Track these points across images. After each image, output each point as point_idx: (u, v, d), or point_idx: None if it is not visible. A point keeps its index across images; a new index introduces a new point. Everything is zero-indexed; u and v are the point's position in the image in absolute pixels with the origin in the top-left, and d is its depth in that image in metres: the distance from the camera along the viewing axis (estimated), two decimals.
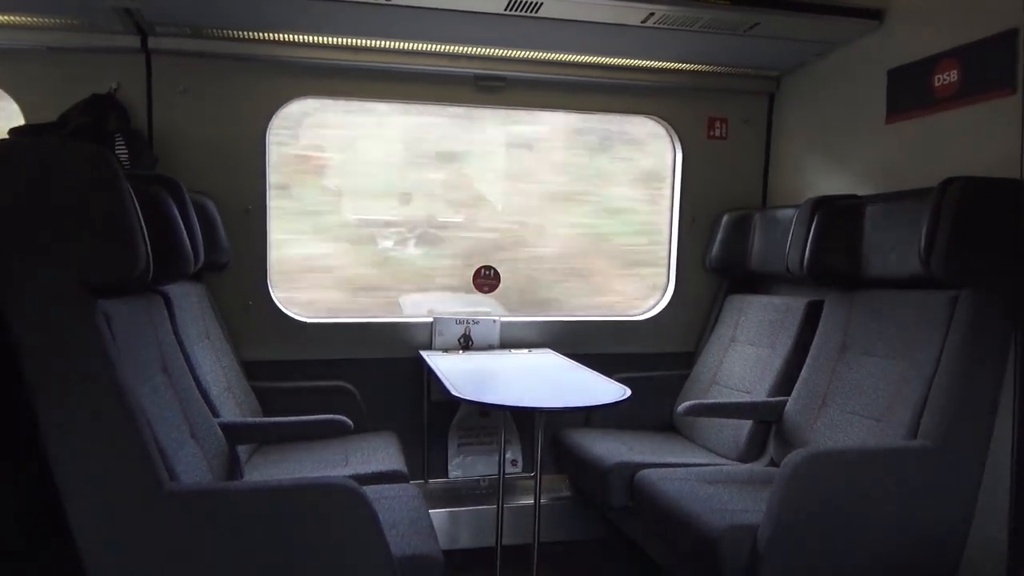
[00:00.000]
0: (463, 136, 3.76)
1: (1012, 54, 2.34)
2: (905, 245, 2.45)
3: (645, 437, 3.37)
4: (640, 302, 3.92)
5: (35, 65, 3.03)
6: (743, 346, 3.38)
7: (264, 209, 3.34)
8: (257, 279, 3.35)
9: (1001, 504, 2.25)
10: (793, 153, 3.63)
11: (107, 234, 1.72)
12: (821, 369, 2.81)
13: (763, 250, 3.40)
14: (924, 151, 2.74)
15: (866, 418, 2.52)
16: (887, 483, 2.25)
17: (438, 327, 3.52)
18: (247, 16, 2.93)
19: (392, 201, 3.79)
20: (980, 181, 2.28)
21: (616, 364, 3.49)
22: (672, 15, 2.83)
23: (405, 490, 2.50)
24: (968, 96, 2.53)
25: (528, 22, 2.90)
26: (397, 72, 3.36)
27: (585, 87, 3.57)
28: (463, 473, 3.54)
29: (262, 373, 3.28)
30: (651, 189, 3.93)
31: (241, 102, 3.26)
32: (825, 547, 2.21)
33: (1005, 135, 2.34)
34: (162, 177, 2.46)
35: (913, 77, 2.78)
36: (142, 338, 2.17)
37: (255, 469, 2.79)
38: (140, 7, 2.78)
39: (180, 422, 2.22)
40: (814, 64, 3.41)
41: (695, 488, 2.56)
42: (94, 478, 1.73)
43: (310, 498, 1.89)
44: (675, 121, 3.73)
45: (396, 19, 2.88)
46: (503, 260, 3.72)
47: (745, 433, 3.06)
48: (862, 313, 2.72)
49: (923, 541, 2.29)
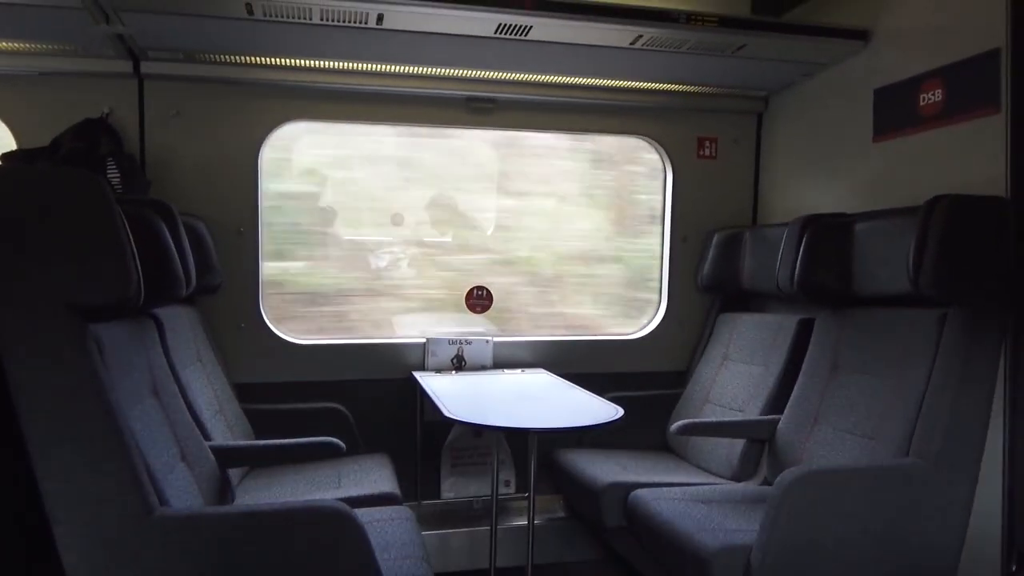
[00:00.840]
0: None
1: (995, 73, 2.37)
2: (894, 263, 2.46)
3: (639, 456, 3.36)
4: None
5: (27, 90, 3.05)
6: (736, 364, 3.39)
7: (256, 230, 3.34)
8: (249, 301, 3.35)
9: (993, 520, 2.26)
10: (782, 172, 3.66)
11: (97, 258, 1.72)
12: (813, 387, 2.81)
13: (754, 268, 3.42)
14: (911, 169, 2.77)
15: (858, 436, 2.53)
16: (879, 501, 2.25)
17: (431, 347, 3.51)
18: (239, 41, 2.95)
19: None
20: (966, 199, 2.30)
21: (609, 383, 3.49)
22: (660, 37, 2.87)
23: (398, 512, 2.49)
24: (953, 115, 2.56)
25: (518, 45, 2.93)
26: (389, 95, 3.39)
27: (575, 108, 3.60)
28: (456, 494, 3.52)
29: (254, 395, 3.27)
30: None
31: (233, 126, 3.27)
32: (819, 566, 2.21)
33: (990, 153, 2.38)
34: (154, 201, 2.47)
35: (899, 97, 2.81)
36: (133, 362, 2.16)
37: (247, 492, 2.78)
38: (133, 33, 2.80)
39: (171, 445, 2.21)
40: (801, 84, 3.44)
41: (688, 508, 2.55)
42: (82, 503, 1.72)
43: (301, 522, 1.88)
44: (665, 141, 3.75)
45: (387, 43, 2.91)
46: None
47: (738, 452, 3.06)
48: (852, 331, 2.73)
49: (917, 558, 2.29)
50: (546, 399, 3.05)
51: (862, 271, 2.66)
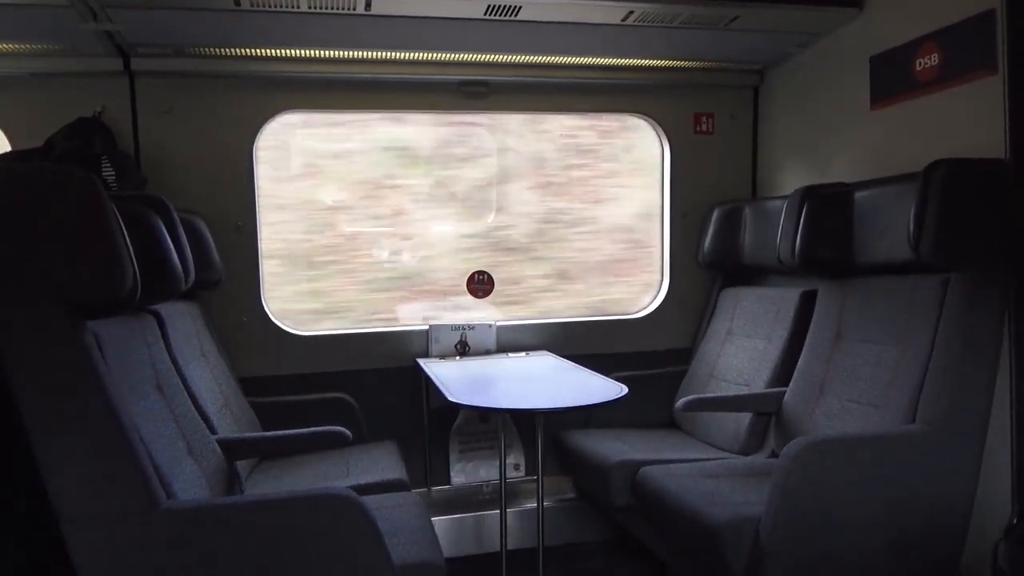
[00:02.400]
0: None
1: (991, 35, 2.34)
2: (894, 230, 2.45)
3: (646, 435, 3.36)
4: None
5: (18, 91, 3.04)
6: (740, 339, 3.38)
7: (255, 224, 3.34)
8: (251, 294, 3.35)
9: (1002, 484, 2.25)
10: (781, 145, 3.64)
11: (92, 255, 1.72)
12: (817, 358, 2.81)
13: (755, 242, 3.40)
14: (910, 135, 2.74)
15: (864, 405, 2.52)
16: (887, 468, 2.25)
17: (434, 334, 3.51)
18: (228, 33, 2.93)
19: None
20: (966, 163, 2.28)
21: (614, 363, 3.49)
22: (651, 12, 2.84)
23: (406, 498, 2.49)
24: (950, 79, 2.53)
25: (508, 25, 2.91)
26: (381, 82, 3.37)
27: (570, 88, 3.58)
28: (465, 479, 3.53)
29: (260, 389, 3.28)
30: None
31: (226, 119, 3.26)
32: (828, 534, 2.21)
33: (989, 116, 2.35)
34: (149, 197, 2.46)
35: (895, 63, 2.78)
36: (134, 357, 2.17)
37: (256, 485, 2.79)
38: (121, 30, 2.79)
39: (177, 440, 2.21)
40: (797, 56, 3.41)
41: (696, 483, 2.55)
42: (88, 499, 1.72)
43: (307, 509, 1.89)
44: (662, 118, 3.73)
45: (376, 29, 2.89)
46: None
47: (745, 426, 3.06)
48: (855, 300, 2.71)
49: (926, 524, 2.29)
50: (551, 381, 3.05)
51: (863, 240, 2.65)
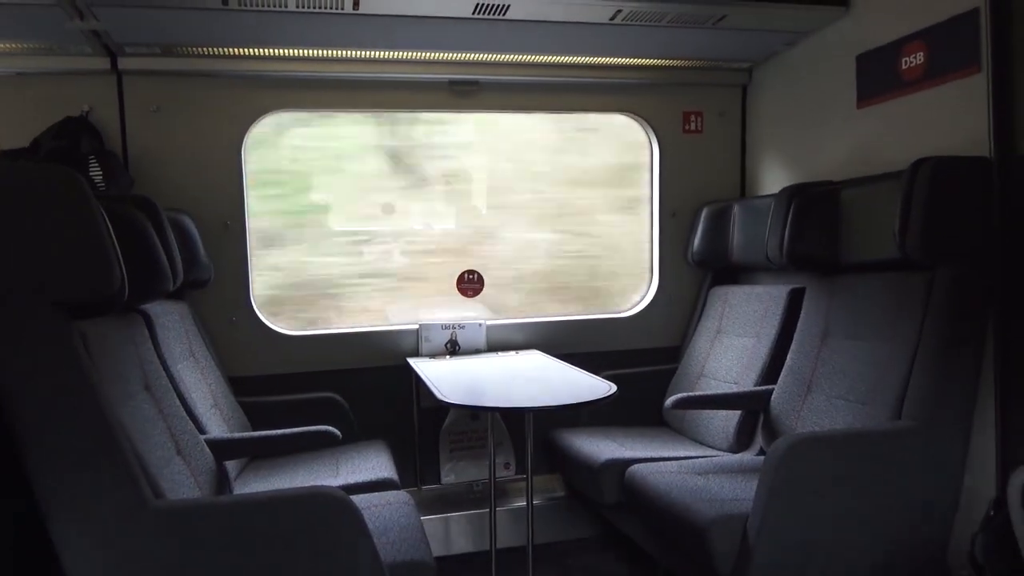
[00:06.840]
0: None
1: (975, 33, 2.37)
2: (880, 228, 2.46)
3: (636, 433, 3.37)
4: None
5: (4, 91, 3.02)
6: (729, 337, 3.39)
7: (243, 224, 3.33)
8: (240, 294, 3.34)
9: (987, 479, 2.27)
10: (769, 143, 3.65)
11: (79, 254, 1.71)
12: (805, 356, 2.82)
13: (743, 240, 3.42)
14: (896, 134, 2.76)
15: (851, 402, 2.53)
16: (873, 465, 2.26)
17: (424, 333, 3.51)
18: (215, 32, 2.93)
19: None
20: (950, 160, 2.30)
21: (604, 362, 3.50)
22: (639, 11, 2.85)
23: (395, 497, 2.49)
24: (935, 77, 2.55)
25: (497, 24, 2.91)
26: (370, 81, 3.37)
27: (559, 87, 3.58)
28: (456, 478, 3.53)
29: (249, 388, 3.27)
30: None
31: (214, 118, 3.25)
32: (815, 531, 2.22)
33: (973, 114, 2.37)
34: (136, 197, 2.46)
35: (881, 61, 2.80)
36: (122, 357, 2.16)
37: (245, 484, 2.78)
38: (108, 29, 2.77)
39: (165, 440, 2.21)
40: (784, 54, 3.43)
41: (685, 480, 2.56)
42: (77, 499, 1.72)
43: (296, 509, 1.89)
44: (650, 117, 3.74)
45: (365, 28, 2.89)
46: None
47: (734, 424, 3.07)
48: (842, 298, 2.73)
49: (912, 520, 2.31)
50: (541, 379, 3.06)
51: (850, 238, 2.67)
